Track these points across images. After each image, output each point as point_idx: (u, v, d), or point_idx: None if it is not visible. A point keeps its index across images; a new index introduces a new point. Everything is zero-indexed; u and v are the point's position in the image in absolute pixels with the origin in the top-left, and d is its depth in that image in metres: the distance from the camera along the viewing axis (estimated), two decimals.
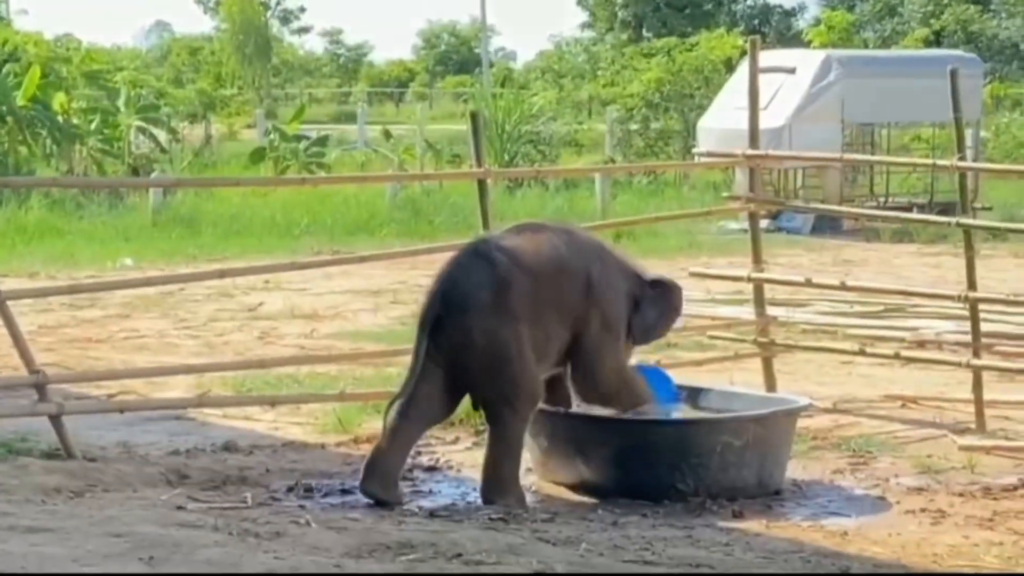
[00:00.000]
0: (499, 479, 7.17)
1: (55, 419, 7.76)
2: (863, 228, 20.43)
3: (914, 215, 14.66)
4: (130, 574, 5.23)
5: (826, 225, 20.66)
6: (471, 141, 9.11)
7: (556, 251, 7.27)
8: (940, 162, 9.69)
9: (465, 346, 7.03)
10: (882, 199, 22.62)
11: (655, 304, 7.55)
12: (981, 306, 9.35)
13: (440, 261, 7.39)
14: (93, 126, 25.65)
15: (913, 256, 18.42)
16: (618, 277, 7.45)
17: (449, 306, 7.03)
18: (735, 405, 7.95)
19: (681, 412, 7.90)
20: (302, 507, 6.94)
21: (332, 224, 20.25)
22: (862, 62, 23.89)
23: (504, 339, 7.03)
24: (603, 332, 7.34)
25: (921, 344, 11.38)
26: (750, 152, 9.82)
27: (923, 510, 7.29)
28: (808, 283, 10.51)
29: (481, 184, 9.16)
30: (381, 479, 7.09)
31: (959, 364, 9.29)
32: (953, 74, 8.90)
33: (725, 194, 10.98)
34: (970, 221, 9.14)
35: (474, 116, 9.25)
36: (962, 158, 9.05)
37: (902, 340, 11.36)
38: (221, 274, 9.92)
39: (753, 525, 6.94)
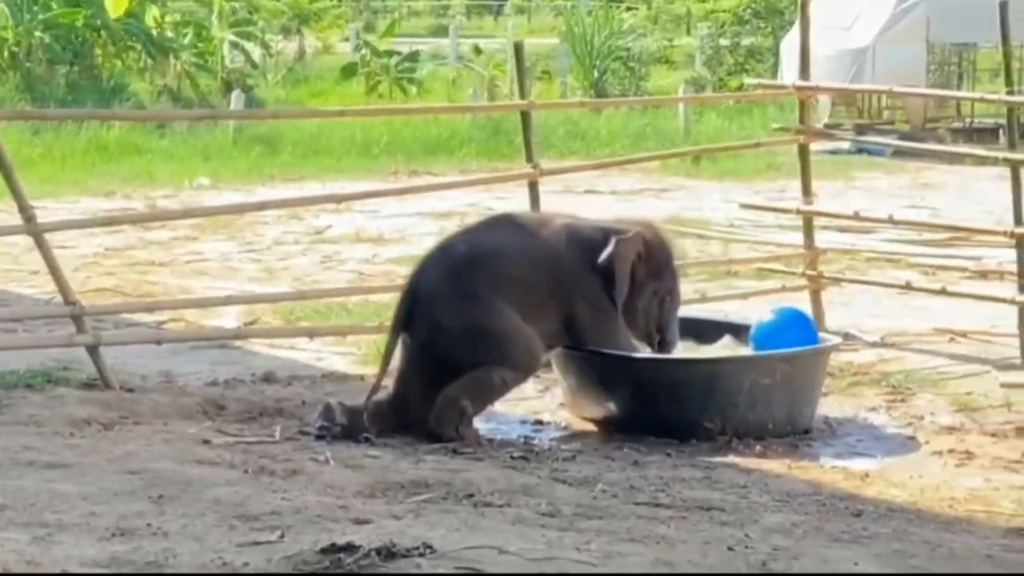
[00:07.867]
0: (452, 412, 7.13)
1: (92, 349, 7.83)
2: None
3: (960, 147, 14.25)
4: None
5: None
6: (515, 73, 9.07)
7: (520, 243, 7.29)
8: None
9: (441, 333, 7.10)
10: (968, 120, 22.27)
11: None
12: None
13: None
14: (186, 40, 25.59)
15: (994, 180, 18.09)
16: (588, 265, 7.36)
17: (418, 302, 7.14)
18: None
19: None
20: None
21: (412, 143, 20.22)
22: None
23: (476, 316, 7.08)
24: (593, 313, 7.36)
25: (984, 274, 11.18)
26: (799, 83, 9.73)
27: (951, 451, 7.21)
28: (856, 216, 10.36)
29: (524, 116, 9.16)
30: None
31: (1005, 300, 9.16)
32: None
33: (775, 125, 10.80)
34: (1016, 155, 8.93)
35: (517, 48, 9.20)
36: None
37: (964, 269, 11.16)
38: (282, 204, 10.00)
39: (775, 466, 6.88)
